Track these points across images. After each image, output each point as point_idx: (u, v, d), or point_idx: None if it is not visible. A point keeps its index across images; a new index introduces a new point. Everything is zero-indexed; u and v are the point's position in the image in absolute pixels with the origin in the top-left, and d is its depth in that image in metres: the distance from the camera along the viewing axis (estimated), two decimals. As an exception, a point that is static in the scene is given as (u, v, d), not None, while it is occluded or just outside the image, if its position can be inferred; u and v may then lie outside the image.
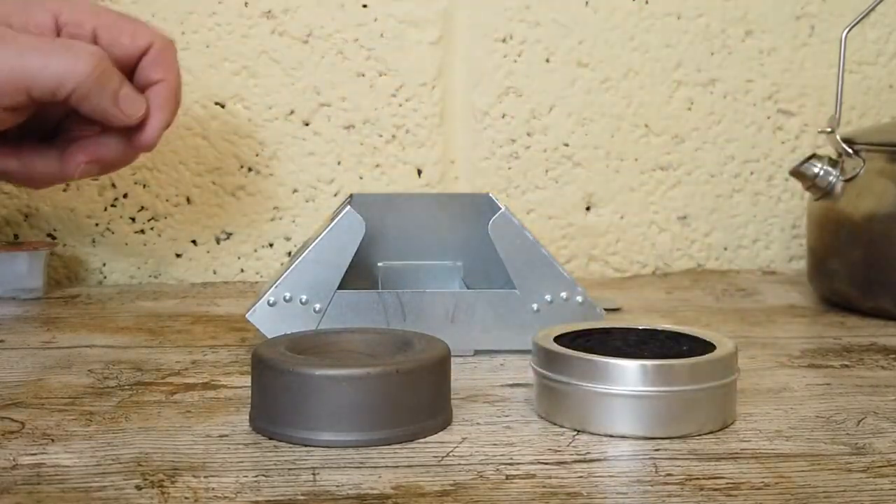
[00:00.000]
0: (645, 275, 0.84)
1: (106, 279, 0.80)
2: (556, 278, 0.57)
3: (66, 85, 0.54)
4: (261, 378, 0.45)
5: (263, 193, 0.81)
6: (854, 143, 0.70)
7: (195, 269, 0.81)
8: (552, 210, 0.83)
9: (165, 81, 0.59)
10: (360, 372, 0.43)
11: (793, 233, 0.86)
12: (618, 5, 0.82)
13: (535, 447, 0.43)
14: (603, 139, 0.83)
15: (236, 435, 0.45)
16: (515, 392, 0.51)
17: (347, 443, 0.43)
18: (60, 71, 0.54)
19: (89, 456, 0.42)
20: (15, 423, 0.46)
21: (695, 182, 0.84)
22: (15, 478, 0.40)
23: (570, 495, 0.38)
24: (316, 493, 0.38)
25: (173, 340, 0.61)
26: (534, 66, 0.82)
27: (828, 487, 0.39)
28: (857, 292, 0.68)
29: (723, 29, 0.83)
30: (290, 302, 0.57)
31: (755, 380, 0.54)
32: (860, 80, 0.85)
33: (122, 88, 0.57)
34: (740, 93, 0.84)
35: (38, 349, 0.59)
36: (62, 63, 0.54)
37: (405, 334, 0.49)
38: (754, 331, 0.65)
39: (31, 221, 0.79)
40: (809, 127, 0.85)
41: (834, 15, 0.84)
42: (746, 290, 0.78)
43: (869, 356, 0.59)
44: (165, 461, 0.41)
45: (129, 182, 0.79)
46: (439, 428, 0.45)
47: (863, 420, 0.47)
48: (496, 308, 0.57)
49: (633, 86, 0.83)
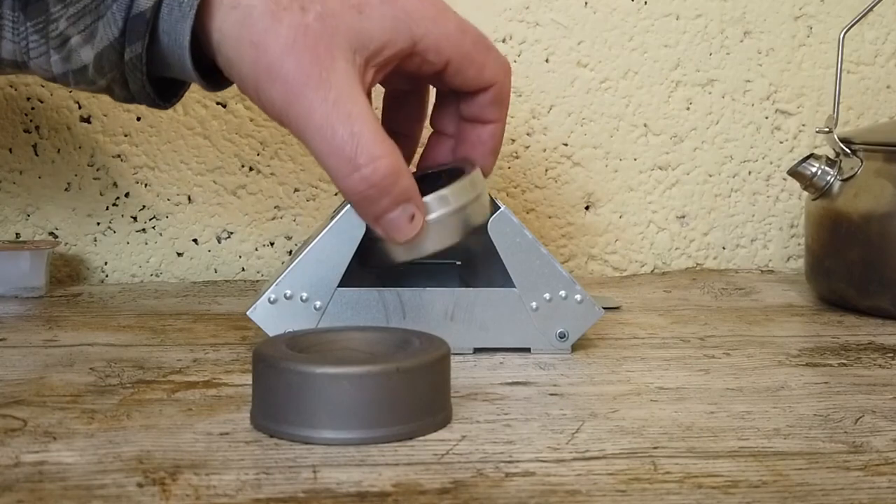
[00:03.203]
0: (644, 274, 0.84)
1: (108, 278, 0.80)
2: (556, 277, 0.58)
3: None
4: (262, 376, 0.45)
5: (265, 192, 0.81)
6: (852, 142, 0.70)
7: (196, 268, 0.81)
8: (551, 209, 0.83)
9: (499, 123, 0.58)
10: (360, 370, 0.43)
11: (791, 232, 0.86)
12: (617, 6, 0.82)
13: (534, 445, 0.43)
14: (602, 139, 0.83)
15: (237, 433, 0.45)
16: (515, 390, 0.52)
17: (348, 440, 0.43)
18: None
19: (91, 454, 0.42)
20: (17, 420, 0.46)
21: (693, 181, 0.85)
22: (17, 475, 0.40)
23: (570, 493, 0.39)
24: (316, 490, 0.39)
25: (175, 339, 0.61)
26: (533, 67, 0.82)
27: (825, 485, 0.39)
28: (854, 291, 0.69)
29: (721, 29, 0.83)
30: (291, 299, 0.57)
31: (753, 378, 0.54)
32: (858, 81, 0.85)
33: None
34: (738, 93, 0.84)
35: (40, 347, 0.59)
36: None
37: (405, 332, 0.49)
38: (752, 329, 0.65)
39: (32, 220, 0.79)
40: (807, 127, 0.85)
41: (832, 15, 0.84)
42: (745, 289, 0.78)
43: (867, 355, 0.59)
44: (167, 459, 0.42)
45: (131, 181, 0.80)
46: (439, 426, 0.45)
47: (860, 418, 0.47)
48: (495, 306, 0.58)
49: (631, 86, 0.83)
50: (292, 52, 0.51)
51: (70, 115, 0.79)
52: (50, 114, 0.79)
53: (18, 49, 0.53)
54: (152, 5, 0.51)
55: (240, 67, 0.53)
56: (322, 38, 0.52)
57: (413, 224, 0.54)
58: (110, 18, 0.51)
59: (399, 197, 0.53)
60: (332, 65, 0.52)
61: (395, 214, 0.53)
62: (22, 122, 0.79)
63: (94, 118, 0.79)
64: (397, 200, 0.53)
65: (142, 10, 0.51)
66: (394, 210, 0.53)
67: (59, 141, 0.79)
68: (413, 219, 0.54)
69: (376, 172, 0.52)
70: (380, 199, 0.53)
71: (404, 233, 0.54)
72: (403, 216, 0.53)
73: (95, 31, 0.52)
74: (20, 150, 0.79)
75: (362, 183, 0.52)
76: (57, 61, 0.53)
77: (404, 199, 0.53)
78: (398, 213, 0.53)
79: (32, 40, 0.52)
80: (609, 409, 0.48)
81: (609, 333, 0.63)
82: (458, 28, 0.55)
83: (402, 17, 0.53)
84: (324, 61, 0.52)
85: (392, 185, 0.52)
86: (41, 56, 0.53)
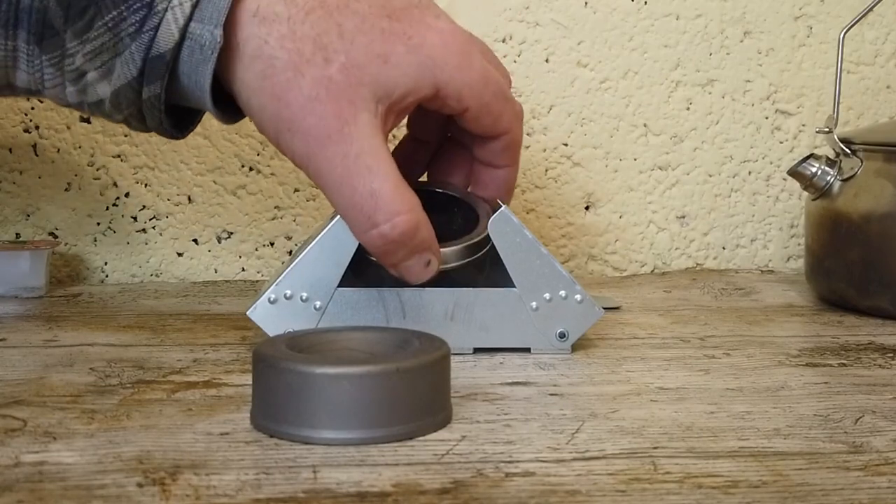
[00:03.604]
0: (644, 274, 0.84)
1: (108, 278, 0.80)
2: (555, 277, 0.58)
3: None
4: (261, 376, 0.45)
5: (265, 192, 0.81)
6: (852, 142, 0.70)
7: (196, 268, 0.81)
8: (551, 209, 0.83)
9: (512, 167, 0.59)
10: (360, 370, 0.43)
11: (791, 232, 0.86)
12: (617, 6, 0.82)
13: (534, 445, 0.43)
14: (602, 139, 0.83)
15: (237, 433, 0.45)
16: (515, 390, 0.52)
17: (348, 441, 0.43)
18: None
19: (91, 454, 0.42)
20: (17, 420, 0.46)
21: (693, 182, 0.85)
22: (17, 475, 0.40)
23: (570, 493, 0.39)
24: (316, 490, 0.39)
25: (175, 339, 0.61)
26: (533, 67, 0.82)
27: (825, 485, 0.40)
28: (854, 291, 0.69)
29: (721, 29, 0.83)
30: (291, 299, 0.57)
31: (753, 378, 0.54)
32: (858, 81, 0.85)
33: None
34: (738, 93, 0.84)
35: (40, 347, 0.59)
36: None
37: (405, 332, 0.49)
38: (752, 330, 0.65)
39: (32, 220, 0.79)
40: (807, 127, 0.85)
41: (832, 15, 0.84)
42: (745, 289, 0.78)
43: (867, 355, 0.59)
44: (167, 459, 0.42)
45: (131, 181, 0.80)
46: (439, 426, 0.45)
47: (860, 419, 0.47)
48: (495, 306, 0.58)
49: (631, 86, 0.83)
50: (314, 107, 0.51)
51: (70, 115, 0.79)
52: (50, 114, 0.79)
53: (33, 80, 0.52)
54: (172, 47, 0.50)
55: (261, 115, 0.52)
56: (346, 90, 0.51)
57: (428, 269, 0.55)
58: (128, 57, 0.50)
59: (416, 248, 0.54)
60: (355, 118, 0.51)
61: (411, 263, 0.55)
62: (22, 122, 0.79)
63: (94, 118, 0.79)
64: (414, 252, 0.54)
65: (162, 52, 0.50)
66: (410, 259, 0.54)
67: (59, 141, 0.79)
68: (429, 264, 0.55)
69: (394, 230, 0.52)
70: (397, 251, 0.54)
71: (419, 278, 0.55)
72: (419, 264, 0.55)
73: (113, 67, 0.51)
74: (20, 150, 0.79)
75: (380, 239, 0.53)
76: (72, 92, 0.52)
77: (421, 250, 0.54)
78: (414, 262, 0.55)
79: (48, 73, 0.51)
80: (609, 409, 0.48)
81: (609, 333, 0.63)
82: (482, 78, 0.55)
83: (427, 65, 0.53)
84: (346, 115, 0.51)
85: (410, 239, 0.53)
86: (56, 87, 0.52)
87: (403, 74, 0.52)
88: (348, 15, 0.52)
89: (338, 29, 0.51)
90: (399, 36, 0.52)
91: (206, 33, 0.50)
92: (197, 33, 0.50)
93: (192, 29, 0.50)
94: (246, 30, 0.51)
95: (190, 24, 0.50)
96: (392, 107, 0.53)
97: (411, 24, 0.53)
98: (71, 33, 0.50)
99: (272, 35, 0.51)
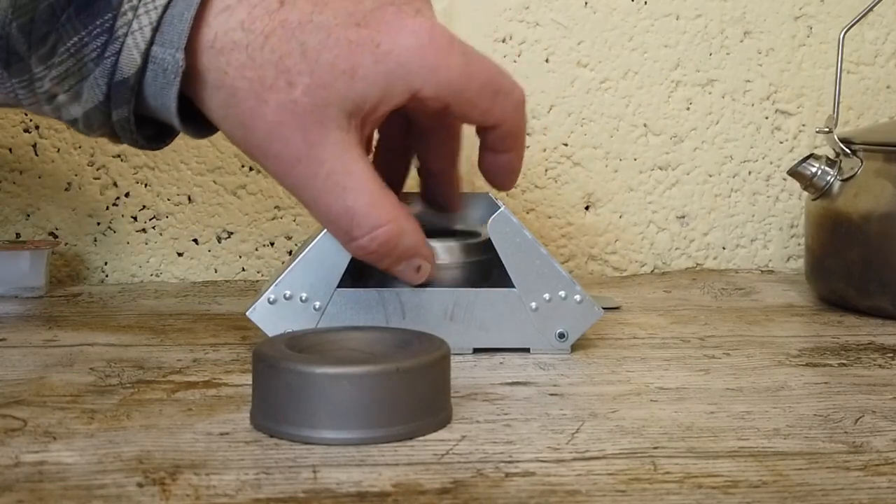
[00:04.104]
0: (644, 274, 0.84)
1: (108, 278, 0.80)
2: (555, 277, 0.58)
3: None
4: (261, 376, 0.45)
5: (265, 192, 0.81)
6: (852, 142, 0.70)
7: (196, 268, 0.81)
8: (551, 209, 0.83)
9: (514, 153, 0.57)
10: (360, 370, 0.43)
11: (791, 232, 0.86)
12: (617, 6, 0.82)
13: (534, 445, 0.44)
14: (602, 139, 0.83)
15: (237, 433, 0.45)
16: (515, 390, 0.52)
17: (347, 440, 0.43)
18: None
19: (91, 454, 0.42)
20: (17, 420, 0.46)
21: (693, 181, 0.85)
22: (17, 475, 0.40)
23: (570, 493, 0.39)
24: (316, 490, 0.39)
25: (175, 339, 0.61)
26: (533, 67, 0.82)
27: (825, 485, 0.40)
28: (854, 291, 0.69)
29: (721, 29, 0.83)
30: (291, 300, 0.57)
31: (753, 378, 0.54)
32: (858, 81, 0.85)
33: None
34: (738, 93, 0.84)
35: (40, 347, 0.59)
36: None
37: (405, 332, 0.49)
38: (752, 329, 0.65)
39: (32, 220, 0.79)
40: (807, 127, 0.85)
41: (832, 15, 0.84)
42: (745, 289, 0.78)
43: (867, 355, 0.59)
44: (167, 459, 0.42)
45: (131, 181, 0.80)
46: (439, 426, 0.45)
47: (860, 419, 0.47)
48: (495, 306, 0.58)
49: (631, 86, 0.83)
50: (281, 132, 0.50)
51: (70, 115, 0.79)
52: (50, 114, 0.79)
53: (9, 98, 0.51)
54: (135, 72, 0.49)
55: (232, 139, 0.52)
56: (312, 112, 0.50)
57: (420, 274, 0.56)
58: (93, 82, 0.49)
59: (402, 256, 0.54)
60: (325, 139, 0.50)
61: (400, 268, 0.55)
62: (22, 121, 0.79)
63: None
64: (400, 259, 0.54)
65: (125, 77, 0.49)
66: (398, 265, 0.55)
67: (59, 141, 0.79)
68: (419, 269, 0.55)
69: (373, 241, 0.52)
70: (382, 260, 0.54)
71: (413, 281, 0.56)
72: (409, 269, 0.55)
73: (81, 91, 0.50)
74: (20, 150, 0.79)
75: (361, 251, 0.53)
76: (48, 110, 0.51)
77: (408, 256, 0.54)
78: (403, 267, 0.55)
79: (21, 94, 0.51)
80: (609, 409, 0.48)
81: (609, 333, 0.63)
82: (462, 74, 0.52)
83: (398, 73, 0.51)
84: (314, 137, 0.50)
85: (393, 248, 0.53)
86: (32, 105, 0.51)
87: (372, 86, 0.50)
88: (311, 31, 0.50)
89: (300, 49, 0.50)
90: (367, 45, 0.50)
91: (168, 57, 0.49)
92: (160, 57, 0.49)
93: (155, 53, 0.49)
94: (205, 59, 0.50)
95: (152, 48, 0.49)
96: (366, 118, 0.52)
97: (381, 29, 0.51)
98: (36, 59, 0.49)
99: (231, 65, 0.49)
